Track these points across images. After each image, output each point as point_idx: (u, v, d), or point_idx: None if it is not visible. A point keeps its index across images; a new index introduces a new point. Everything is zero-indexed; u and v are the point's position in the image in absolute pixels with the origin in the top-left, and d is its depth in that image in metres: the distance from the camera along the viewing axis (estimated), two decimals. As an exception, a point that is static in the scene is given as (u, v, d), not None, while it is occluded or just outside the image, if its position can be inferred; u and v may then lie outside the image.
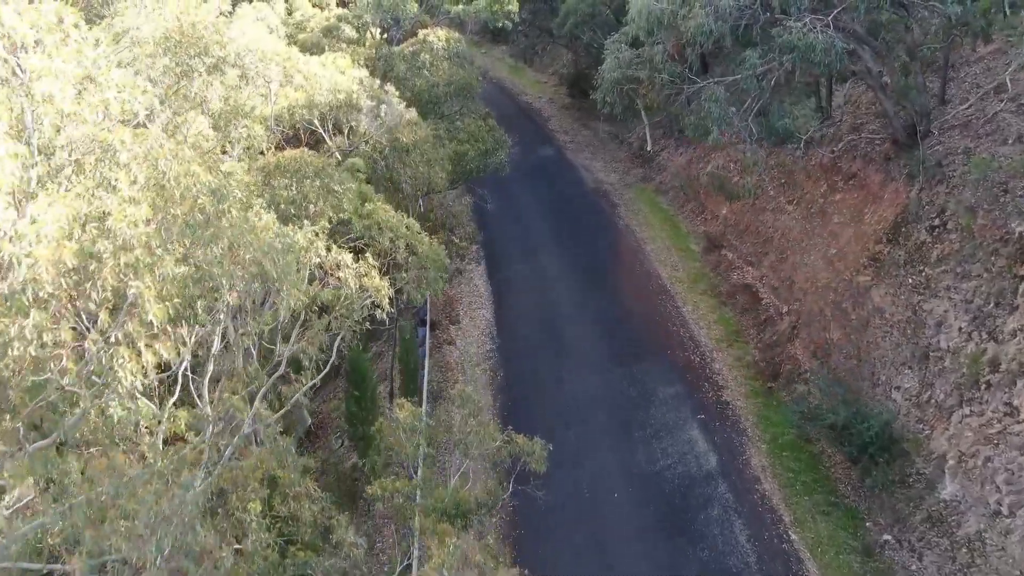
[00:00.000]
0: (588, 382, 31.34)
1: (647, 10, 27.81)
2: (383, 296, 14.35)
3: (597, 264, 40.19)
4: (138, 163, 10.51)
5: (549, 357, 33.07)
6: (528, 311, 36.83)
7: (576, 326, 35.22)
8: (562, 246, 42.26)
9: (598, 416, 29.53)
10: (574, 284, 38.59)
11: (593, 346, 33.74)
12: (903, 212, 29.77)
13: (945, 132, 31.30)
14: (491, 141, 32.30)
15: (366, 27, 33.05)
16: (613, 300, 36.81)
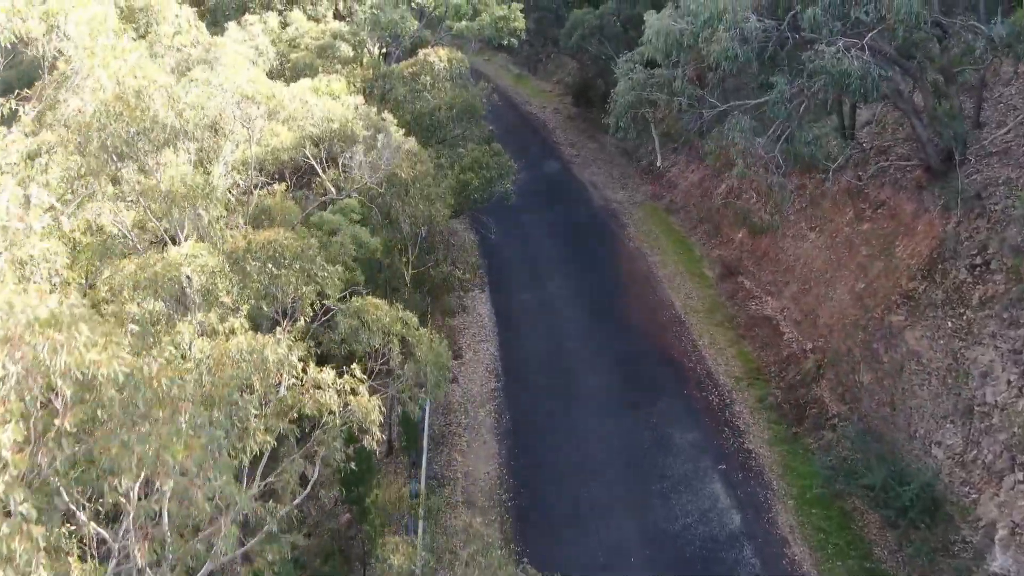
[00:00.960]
0: (600, 427, 29.34)
1: (665, 32, 25.77)
2: (372, 419, 12.31)
3: (607, 291, 38.18)
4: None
5: (558, 397, 31.06)
6: (535, 344, 34.82)
7: (586, 362, 33.21)
8: (569, 271, 40.26)
9: (612, 467, 27.54)
10: (583, 314, 36.58)
11: (605, 385, 31.73)
12: (939, 247, 27.73)
13: (982, 159, 29.26)
14: (496, 168, 30.28)
15: (363, 44, 31.03)
16: (625, 332, 34.79)
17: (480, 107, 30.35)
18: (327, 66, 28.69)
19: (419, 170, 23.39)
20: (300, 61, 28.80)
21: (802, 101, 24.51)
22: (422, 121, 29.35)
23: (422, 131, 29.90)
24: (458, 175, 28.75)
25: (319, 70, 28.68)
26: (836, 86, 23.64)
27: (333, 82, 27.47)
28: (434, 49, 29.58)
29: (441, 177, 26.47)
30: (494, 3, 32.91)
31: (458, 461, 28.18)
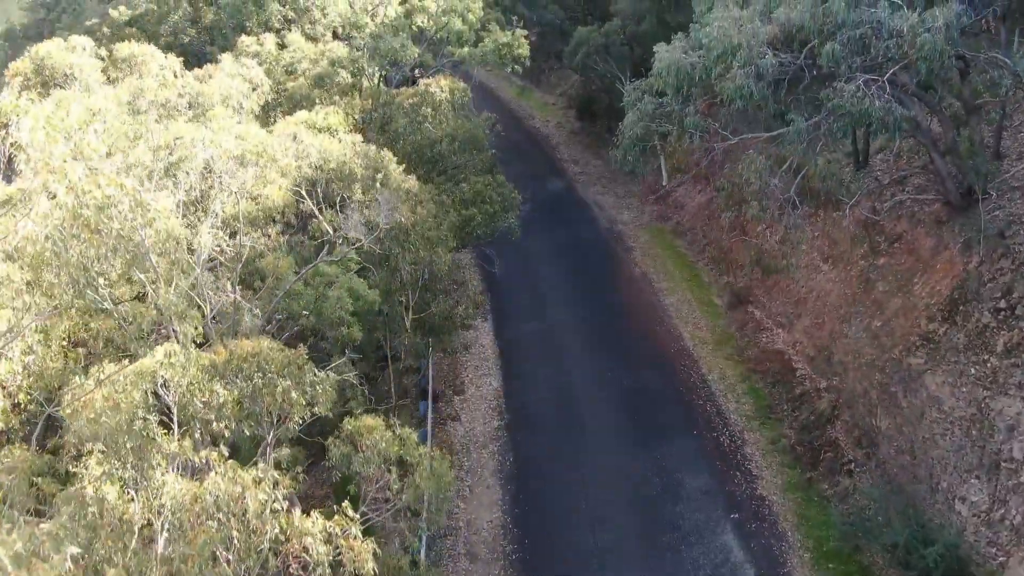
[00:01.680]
0: (608, 470, 28.34)
1: (676, 66, 24.74)
2: (367, 570, 11.21)
3: (613, 321, 37.16)
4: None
5: (564, 437, 30.06)
6: (539, 379, 33.81)
7: (592, 398, 32.21)
8: (574, 298, 39.26)
9: (621, 515, 26.53)
10: (588, 345, 35.57)
11: (612, 423, 30.74)
12: (960, 287, 26.68)
13: (1004, 194, 28.21)
14: (499, 201, 29.25)
15: (362, 72, 30.02)
16: (632, 366, 33.77)
17: (483, 138, 29.35)
18: (324, 97, 27.67)
19: (420, 214, 22.39)
20: (297, 92, 27.80)
21: (818, 137, 23.45)
22: (423, 153, 28.36)
23: (423, 163, 28.93)
24: (460, 210, 27.74)
25: (316, 101, 27.65)
26: (856, 125, 22.58)
27: (331, 115, 26.47)
28: (435, 79, 28.58)
29: (443, 215, 25.46)
30: (497, 29, 31.91)
31: (460, 508, 27.18)
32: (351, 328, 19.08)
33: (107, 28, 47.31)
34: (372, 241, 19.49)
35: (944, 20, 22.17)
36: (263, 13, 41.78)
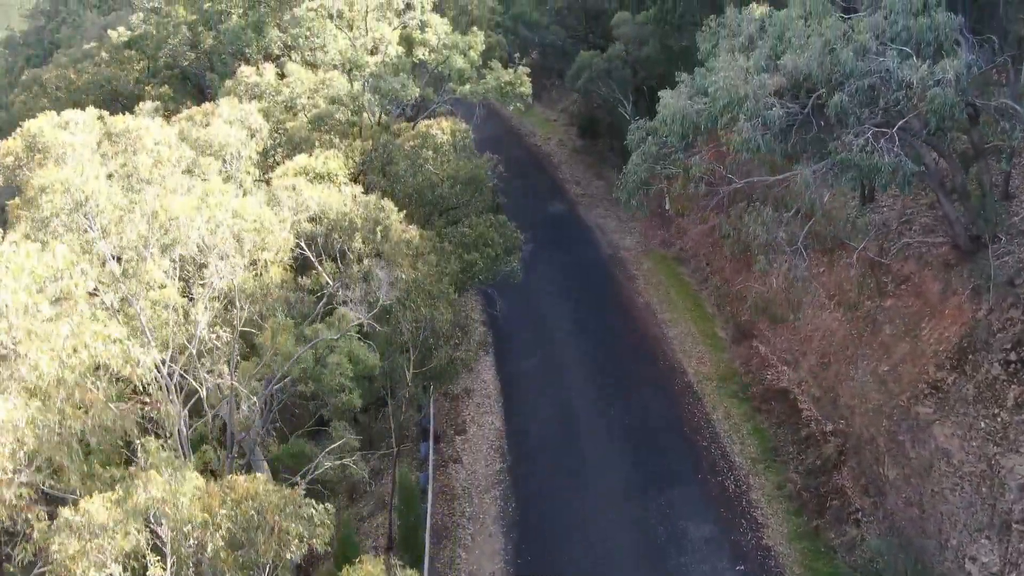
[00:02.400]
0: (612, 518, 27.96)
1: (681, 114, 24.35)
2: None
3: (616, 355, 36.77)
4: None
5: (567, 482, 29.67)
6: (541, 418, 33.44)
7: (595, 438, 31.84)
8: (577, 331, 38.85)
9: (625, 567, 26.13)
10: (591, 381, 35.18)
11: (615, 466, 30.35)
12: (969, 335, 26.29)
13: (1014, 238, 27.79)
14: (501, 244, 28.85)
15: (362, 109, 29.61)
16: (636, 404, 33.38)
17: (485, 179, 28.94)
18: (324, 139, 27.27)
19: (420, 270, 22.01)
20: (296, 133, 27.39)
21: (826, 184, 23.06)
22: (424, 195, 27.99)
23: (424, 204, 28.55)
24: (461, 255, 27.36)
25: (315, 144, 27.26)
26: (865, 179, 22.20)
27: (330, 160, 26.13)
28: (437, 120, 28.17)
29: (444, 263, 25.08)
30: (499, 67, 31.52)
31: (462, 558, 26.83)
32: (351, 395, 18.71)
33: (105, 52, 47.01)
34: (372, 315, 19.24)
35: (954, 72, 21.79)
36: (262, 40, 41.39)
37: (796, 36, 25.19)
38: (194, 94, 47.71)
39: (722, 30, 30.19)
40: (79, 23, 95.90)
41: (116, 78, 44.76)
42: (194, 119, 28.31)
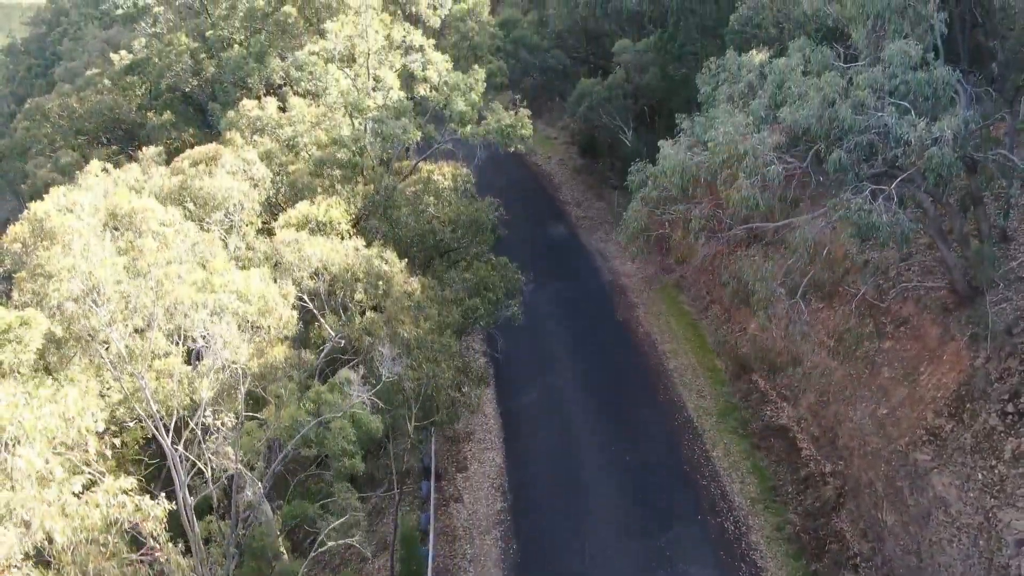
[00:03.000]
0: (614, 560, 28.13)
1: (681, 167, 24.53)
2: None
3: (616, 388, 36.96)
4: None
5: (567, 522, 29.84)
6: (541, 454, 33.62)
7: (596, 476, 32.00)
8: (577, 362, 39.02)
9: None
10: (591, 416, 35.36)
11: (616, 506, 30.54)
12: (967, 383, 26.47)
13: (1012, 284, 27.98)
14: (502, 288, 29.03)
15: (363, 151, 29.79)
16: (636, 440, 33.57)
17: (487, 222, 29.11)
18: (326, 185, 27.46)
19: (423, 328, 22.19)
20: (299, 179, 27.55)
21: (826, 247, 23.24)
22: (426, 239, 28.15)
23: (426, 249, 28.72)
24: (463, 300, 27.55)
25: (317, 189, 27.44)
26: (863, 236, 22.39)
27: (332, 208, 26.31)
28: (438, 166, 28.35)
29: (446, 312, 25.26)
30: (500, 108, 31.70)
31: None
32: (354, 459, 18.90)
33: (107, 79, 47.20)
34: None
35: (952, 131, 21.94)
36: (264, 69, 41.60)
37: (796, 86, 25.38)
38: (196, 119, 47.95)
39: (722, 73, 30.37)
40: (80, 35, 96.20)
41: (118, 106, 44.93)
42: (197, 164, 28.51)
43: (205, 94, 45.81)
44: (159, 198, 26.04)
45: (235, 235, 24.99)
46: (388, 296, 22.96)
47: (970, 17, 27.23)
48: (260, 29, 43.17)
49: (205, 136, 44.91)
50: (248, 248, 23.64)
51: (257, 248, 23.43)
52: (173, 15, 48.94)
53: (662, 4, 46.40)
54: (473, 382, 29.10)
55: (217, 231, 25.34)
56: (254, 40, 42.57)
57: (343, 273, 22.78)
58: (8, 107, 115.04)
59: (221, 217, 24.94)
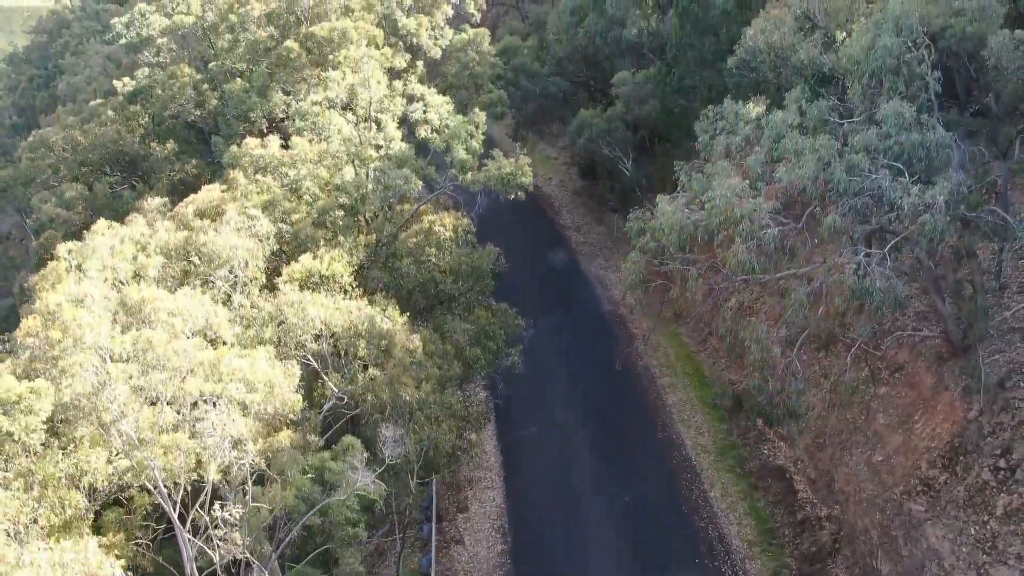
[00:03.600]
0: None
1: (678, 227, 24.92)
2: None
3: (615, 424, 37.35)
4: None
5: (568, 567, 30.23)
6: (540, 493, 34.03)
7: (596, 517, 32.42)
8: (576, 396, 39.42)
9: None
10: (591, 453, 35.76)
11: (616, 549, 30.96)
12: (960, 434, 26.86)
13: (1005, 335, 28.38)
14: (502, 336, 29.43)
15: (366, 198, 30.16)
16: (635, 479, 33.97)
17: (487, 271, 29.49)
18: (328, 236, 27.85)
19: (424, 390, 22.59)
20: (302, 230, 27.95)
21: (821, 305, 23.62)
22: (427, 289, 28.55)
23: (427, 298, 29.12)
24: (463, 350, 27.96)
25: (320, 241, 27.84)
26: (857, 299, 22.77)
27: (335, 262, 26.71)
28: (439, 216, 28.74)
29: (447, 369, 25.68)
30: (501, 156, 32.09)
31: None
32: (357, 527, 19.30)
33: (111, 110, 47.51)
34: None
35: (944, 197, 22.30)
36: (267, 104, 41.92)
37: (792, 144, 25.77)
38: (200, 148, 48.27)
39: (720, 122, 30.76)
40: (82, 50, 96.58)
41: (121, 137, 45.27)
42: (202, 215, 28.91)
43: (208, 125, 46.14)
44: (164, 253, 26.49)
45: (239, 292, 25.40)
46: (390, 354, 23.36)
47: (965, 72, 27.56)
48: (262, 62, 43.50)
49: (208, 166, 45.26)
50: (252, 307, 24.03)
51: (261, 307, 23.81)
52: (176, 45, 49.21)
53: (661, 36, 46.80)
54: (474, 426, 29.50)
55: (223, 284, 25.79)
56: (256, 74, 42.89)
57: (346, 332, 23.19)
58: (10, 118, 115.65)
59: (226, 273, 25.34)
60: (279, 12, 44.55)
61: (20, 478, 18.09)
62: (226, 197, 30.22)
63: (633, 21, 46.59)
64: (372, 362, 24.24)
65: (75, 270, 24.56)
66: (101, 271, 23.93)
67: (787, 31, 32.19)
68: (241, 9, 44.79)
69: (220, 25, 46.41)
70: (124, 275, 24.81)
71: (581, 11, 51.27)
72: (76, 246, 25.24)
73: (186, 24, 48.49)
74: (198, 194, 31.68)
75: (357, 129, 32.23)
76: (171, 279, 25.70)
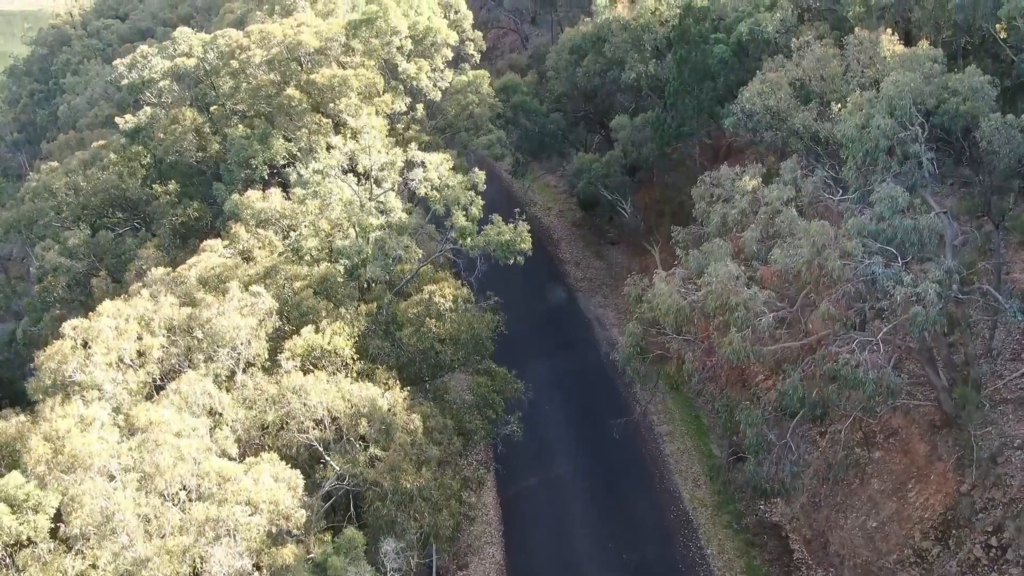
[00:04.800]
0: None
1: (676, 308, 25.31)
2: None
3: (614, 476, 37.66)
4: None
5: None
6: (539, 549, 34.35)
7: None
8: (574, 446, 39.72)
9: None
10: (590, 505, 36.10)
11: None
12: (953, 508, 27.27)
13: (998, 405, 28.77)
14: (502, 404, 29.84)
15: (366, 262, 30.53)
16: (633, 535, 34.33)
17: (488, 339, 29.85)
18: (330, 308, 28.23)
19: (424, 477, 23.00)
20: (303, 302, 28.33)
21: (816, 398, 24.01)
22: (427, 357, 28.93)
23: (429, 368, 29.52)
24: (463, 422, 28.37)
25: (322, 313, 28.21)
26: (851, 388, 23.17)
27: (336, 336, 27.08)
28: (439, 286, 29.12)
29: (448, 443, 26.09)
30: (500, 221, 32.48)
31: None
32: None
33: (113, 153, 47.80)
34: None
35: (935, 291, 22.65)
36: (268, 151, 42.27)
37: (787, 224, 26.17)
38: (201, 191, 48.52)
39: (716, 189, 31.16)
40: (83, 70, 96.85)
41: (123, 182, 45.60)
42: (205, 284, 29.27)
43: (209, 167, 46.48)
44: (169, 328, 26.87)
45: (242, 370, 25.79)
46: (390, 436, 23.79)
47: (958, 146, 27.96)
48: (263, 107, 43.84)
49: (211, 208, 45.44)
50: (256, 388, 24.44)
51: (264, 390, 24.21)
52: (177, 86, 49.53)
53: (659, 78, 47.13)
54: (473, 488, 29.86)
55: (227, 361, 26.17)
56: (257, 121, 43.26)
57: (348, 415, 23.62)
58: (11, 135, 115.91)
59: (229, 351, 25.73)
60: (280, 58, 44.88)
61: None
62: (228, 263, 30.59)
63: (631, 65, 46.90)
64: (373, 440, 24.63)
65: (80, 347, 24.97)
66: (106, 354, 24.31)
67: (784, 96, 32.61)
68: (243, 55, 45.12)
69: (222, 70, 46.75)
70: (129, 356, 25.22)
71: (580, 50, 51.59)
72: (82, 324, 25.62)
73: (188, 66, 48.88)
74: (200, 256, 32.06)
75: (358, 186, 32.63)
76: (175, 357, 26.08)
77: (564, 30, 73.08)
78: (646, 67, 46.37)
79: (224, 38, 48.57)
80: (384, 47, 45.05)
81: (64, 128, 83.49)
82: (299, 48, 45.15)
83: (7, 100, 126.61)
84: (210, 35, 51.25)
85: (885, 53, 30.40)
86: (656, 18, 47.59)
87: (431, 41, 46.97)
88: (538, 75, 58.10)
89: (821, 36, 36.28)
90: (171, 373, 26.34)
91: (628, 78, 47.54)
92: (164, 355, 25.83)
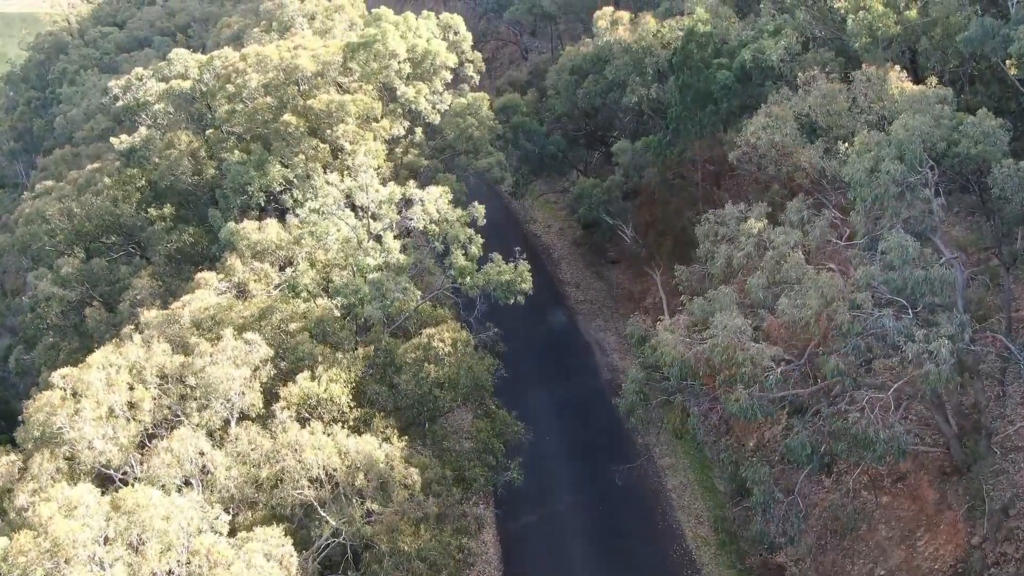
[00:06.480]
0: None
1: (680, 361, 24.72)
2: None
3: (616, 513, 37.07)
4: None
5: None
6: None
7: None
8: (576, 481, 39.12)
9: None
10: (591, 545, 35.53)
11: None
12: (964, 561, 26.68)
13: (1008, 453, 28.18)
14: (502, 450, 29.26)
15: (363, 301, 29.94)
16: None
17: (487, 382, 29.26)
18: (326, 353, 27.64)
19: (423, 538, 22.44)
20: (300, 345, 27.75)
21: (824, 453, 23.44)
22: (426, 402, 28.35)
23: (428, 413, 28.95)
24: (462, 469, 27.81)
25: (319, 358, 27.62)
26: (861, 448, 22.59)
27: (332, 383, 26.50)
28: (439, 329, 28.52)
29: (447, 495, 25.54)
30: (500, 260, 31.90)
31: None
32: None
33: (108, 178, 47.14)
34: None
35: (947, 350, 22.05)
36: (264, 178, 41.66)
37: (794, 271, 25.58)
38: (196, 215, 47.88)
39: (721, 228, 30.56)
40: (79, 80, 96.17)
41: (117, 207, 44.95)
42: (199, 326, 28.69)
43: (204, 192, 45.85)
44: (161, 377, 26.31)
45: (235, 422, 25.24)
46: (387, 493, 23.26)
47: (969, 187, 27.40)
48: (261, 133, 43.27)
49: (207, 233, 44.77)
50: (249, 443, 23.86)
51: (258, 444, 23.64)
52: (173, 108, 48.91)
53: (661, 101, 46.54)
54: (473, 534, 29.26)
55: (220, 411, 25.60)
56: (254, 146, 42.66)
57: (344, 472, 23.08)
58: (8, 143, 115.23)
59: (223, 402, 25.16)
60: (277, 82, 44.28)
61: None
62: (223, 304, 30.00)
63: (633, 88, 46.30)
64: (370, 496, 24.06)
65: (70, 397, 24.41)
66: (96, 408, 23.75)
67: (789, 131, 32.00)
68: (239, 79, 44.51)
69: (218, 92, 46.14)
70: (120, 407, 24.63)
71: (581, 70, 50.98)
72: (71, 374, 25.03)
73: (184, 88, 48.26)
74: (195, 295, 31.42)
75: (356, 220, 32.07)
76: (167, 409, 25.50)
77: (564, 43, 72.67)
78: (648, 90, 45.78)
79: (220, 60, 48.00)
80: (383, 71, 44.43)
81: (60, 140, 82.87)
82: (296, 72, 44.56)
83: (4, 107, 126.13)
84: (206, 56, 50.71)
85: (893, 90, 29.79)
86: (658, 40, 47.00)
87: (430, 64, 46.36)
88: (538, 92, 57.43)
89: (825, 65, 35.63)
90: (163, 423, 25.78)
91: (630, 101, 46.96)
92: (155, 406, 25.24)
